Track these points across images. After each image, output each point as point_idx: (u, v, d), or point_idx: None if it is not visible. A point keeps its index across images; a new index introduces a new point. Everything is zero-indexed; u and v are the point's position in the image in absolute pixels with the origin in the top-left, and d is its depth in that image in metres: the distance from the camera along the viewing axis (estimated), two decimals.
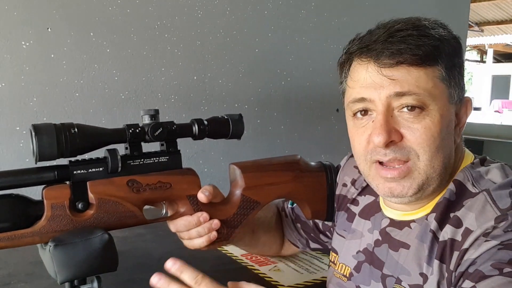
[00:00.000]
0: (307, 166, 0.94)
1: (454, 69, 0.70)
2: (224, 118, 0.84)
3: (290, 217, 1.08)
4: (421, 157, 0.68)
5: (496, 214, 0.64)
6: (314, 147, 2.24)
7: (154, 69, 1.84)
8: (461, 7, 2.86)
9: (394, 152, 0.69)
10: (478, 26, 13.40)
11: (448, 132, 0.70)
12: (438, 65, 0.68)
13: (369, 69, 0.69)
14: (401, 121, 0.68)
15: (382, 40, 0.68)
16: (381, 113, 0.68)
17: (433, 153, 0.68)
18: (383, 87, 0.68)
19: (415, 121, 0.68)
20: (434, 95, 0.68)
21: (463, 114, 0.74)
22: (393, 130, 0.68)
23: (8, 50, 1.58)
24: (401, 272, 0.74)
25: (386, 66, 0.67)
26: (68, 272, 0.70)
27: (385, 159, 0.70)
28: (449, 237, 0.68)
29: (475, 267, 0.61)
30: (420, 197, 0.73)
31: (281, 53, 2.15)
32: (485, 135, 4.54)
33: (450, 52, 0.69)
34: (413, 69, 0.67)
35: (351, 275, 0.85)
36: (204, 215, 0.82)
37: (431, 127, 0.67)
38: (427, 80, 0.67)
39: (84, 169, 0.74)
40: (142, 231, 1.35)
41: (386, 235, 0.80)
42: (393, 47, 0.67)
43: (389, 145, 0.68)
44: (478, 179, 0.71)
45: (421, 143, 0.68)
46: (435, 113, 0.68)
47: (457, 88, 0.71)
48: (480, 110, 15.81)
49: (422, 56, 0.66)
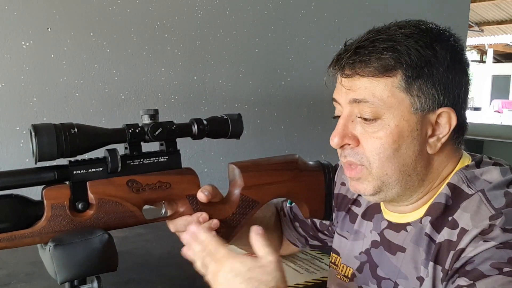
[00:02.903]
0: (305, 166, 0.95)
1: (420, 79, 0.70)
2: (223, 118, 0.84)
3: (288, 216, 1.08)
4: (372, 164, 0.73)
5: (491, 213, 0.65)
6: (314, 147, 2.24)
7: (154, 69, 1.84)
8: (461, 7, 2.86)
9: (349, 156, 0.75)
10: (478, 26, 13.40)
11: (408, 142, 0.71)
12: (398, 75, 0.70)
13: (338, 78, 0.76)
14: (359, 128, 0.73)
15: (350, 52, 0.73)
16: (343, 117, 0.75)
17: (383, 161, 0.72)
18: (346, 93, 0.74)
19: (369, 130, 0.72)
20: (389, 105, 0.70)
21: (445, 124, 0.72)
22: (349, 135, 0.74)
23: (8, 50, 1.58)
24: (399, 276, 0.75)
25: (348, 76, 0.73)
26: (68, 272, 0.70)
27: (344, 161, 0.77)
28: (445, 238, 0.69)
29: (473, 265, 0.62)
30: (385, 199, 0.76)
31: (281, 53, 2.15)
32: (485, 135, 4.54)
33: (416, 62, 0.69)
34: (372, 79, 0.71)
35: (353, 276, 0.85)
36: (203, 215, 0.82)
37: (382, 137, 0.71)
38: (384, 90, 0.70)
39: (84, 169, 0.74)
40: (142, 231, 1.35)
41: (384, 238, 0.80)
42: (356, 58, 0.71)
43: (345, 148, 0.74)
44: (473, 180, 0.71)
45: (372, 151, 0.72)
46: (389, 123, 0.71)
47: (424, 97, 0.70)
48: (480, 110, 15.82)
49: (379, 68, 0.70)
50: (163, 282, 1.03)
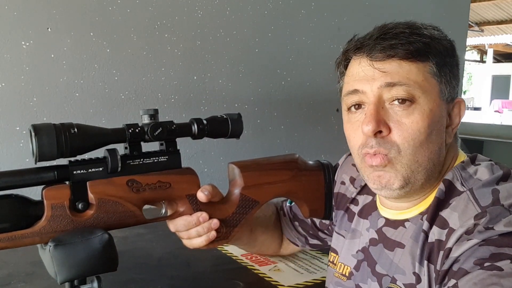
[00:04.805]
0: (305, 165, 0.95)
1: (445, 67, 0.72)
2: (223, 118, 0.84)
3: (288, 215, 1.08)
4: (403, 152, 0.70)
5: (476, 211, 0.65)
6: (314, 147, 2.24)
7: (154, 69, 1.84)
8: (461, 7, 2.86)
9: (379, 145, 0.70)
10: (478, 26, 13.40)
11: (438, 128, 0.71)
12: (429, 61, 0.70)
13: (362, 63, 0.72)
14: (391, 114, 0.70)
15: (375, 37, 0.71)
16: (372, 103, 0.70)
17: (417, 147, 0.69)
18: (374, 79, 0.70)
19: (404, 114, 0.69)
20: (424, 88, 0.69)
21: (456, 115, 0.75)
22: (382, 121, 0.70)
23: (8, 50, 1.58)
24: (396, 272, 0.75)
25: (377, 59, 0.70)
26: (68, 272, 0.70)
27: (371, 151, 0.71)
28: (436, 238, 0.69)
29: (459, 265, 0.62)
30: (409, 192, 0.73)
31: (281, 53, 2.15)
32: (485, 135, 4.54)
33: (442, 51, 0.71)
34: (404, 63, 0.69)
35: (351, 274, 0.85)
36: (203, 215, 0.82)
37: (418, 121, 0.69)
38: (417, 74, 0.69)
39: (84, 169, 0.74)
40: (142, 231, 1.35)
41: (382, 235, 0.80)
42: (385, 42, 0.70)
43: (376, 135, 0.70)
44: (467, 179, 0.71)
45: (406, 137, 0.69)
46: (424, 106, 0.69)
47: (448, 86, 0.72)
48: (480, 110, 15.81)
49: (412, 51, 0.69)
50: (163, 282, 1.03)
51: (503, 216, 0.63)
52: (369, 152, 0.72)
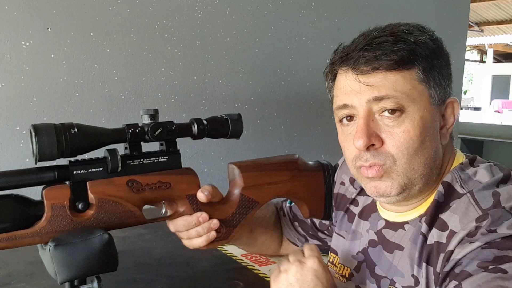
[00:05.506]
0: (305, 165, 0.95)
1: (433, 70, 0.71)
2: (223, 118, 0.84)
3: (288, 216, 1.08)
4: (398, 161, 0.70)
5: (478, 214, 0.65)
6: (314, 147, 2.24)
7: (154, 69, 1.84)
8: (461, 7, 2.86)
9: (373, 157, 0.70)
10: (478, 26, 13.40)
11: (431, 134, 0.71)
12: (415, 67, 0.70)
13: (348, 78, 0.72)
14: (382, 126, 0.70)
15: (359, 48, 0.70)
16: (362, 117, 0.70)
17: (411, 155, 0.69)
18: (361, 93, 0.70)
19: (395, 124, 0.69)
20: (412, 97, 0.69)
21: (449, 115, 0.75)
22: (374, 135, 0.70)
23: (8, 50, 1.58)
24: (395, 274, 0.75)
25: (363, 73, 0.70)
26: (68, 272, 0.70)
27: (366, 164, 0.72)
28: (435, 240, 0.69)
29: (461, 267, 0.62)
30: (407, 197, 0.73)
31: (281, 53, 2.15)
32: (485, 135, 4.54)
33: (428, 54, 0.70)
34: (390, 73, 0.69)
35: (351, 275, 0.85)
36: (203, 215, 0.82)
37: (410, 130, 0.69)
38: (404, 83, 0.69)
39: (84, 169, 0.74)
40: (142, 231, 1.35)
41: (381, 237, 0.80)
42: (369, 54, 0.69)
43: (369, 149, 0.70)
44: (466, 180, 0.71)
45: (399, 146, 0.69)
46: (414, 115, 0.69)
47: (438, 89, 0.71)
48: (480, 110, 15.81)
49: (397, 61, 0.68)
50: (163, 282, 1.03)
51: (505, 218, 0.63)
52: (364, 165, 0.72)
